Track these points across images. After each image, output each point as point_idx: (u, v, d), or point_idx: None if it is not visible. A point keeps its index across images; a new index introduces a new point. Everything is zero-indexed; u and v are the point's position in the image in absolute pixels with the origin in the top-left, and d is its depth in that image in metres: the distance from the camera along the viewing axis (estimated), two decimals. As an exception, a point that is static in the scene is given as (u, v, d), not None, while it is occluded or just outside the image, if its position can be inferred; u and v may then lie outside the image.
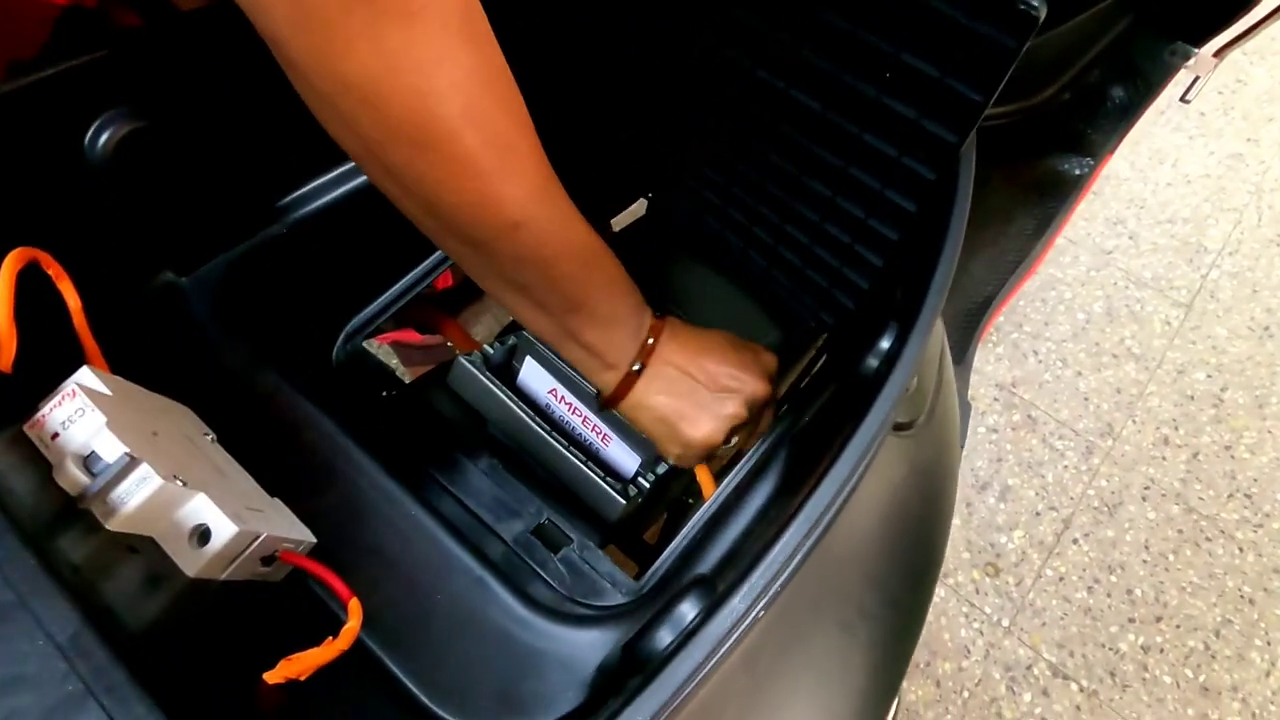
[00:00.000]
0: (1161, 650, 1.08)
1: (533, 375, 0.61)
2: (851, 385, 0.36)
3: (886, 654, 0.31)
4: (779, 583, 0.23)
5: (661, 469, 0.58)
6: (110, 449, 0.24)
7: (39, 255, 0.32)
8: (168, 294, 0.40)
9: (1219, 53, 0.89)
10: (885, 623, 0.31)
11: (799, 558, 0.23)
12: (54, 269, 0.33)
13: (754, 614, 0.23)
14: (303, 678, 0.24)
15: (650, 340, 0.43)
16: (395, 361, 1.16)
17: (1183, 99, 0.93)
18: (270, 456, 0.37)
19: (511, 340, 0.62)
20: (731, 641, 0.22)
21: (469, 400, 0.58)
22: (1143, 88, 0.98)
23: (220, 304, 0.42)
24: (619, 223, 0.87)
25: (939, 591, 1.12)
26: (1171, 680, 1.06)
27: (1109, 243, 1.45)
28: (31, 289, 0.32)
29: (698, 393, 0.45)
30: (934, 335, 0.45)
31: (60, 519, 0.23)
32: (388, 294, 0.57)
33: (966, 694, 1.05)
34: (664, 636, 0.25)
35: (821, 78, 0.40)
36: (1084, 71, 0.98)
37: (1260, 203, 1.50)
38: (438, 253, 0.59)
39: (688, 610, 0.25)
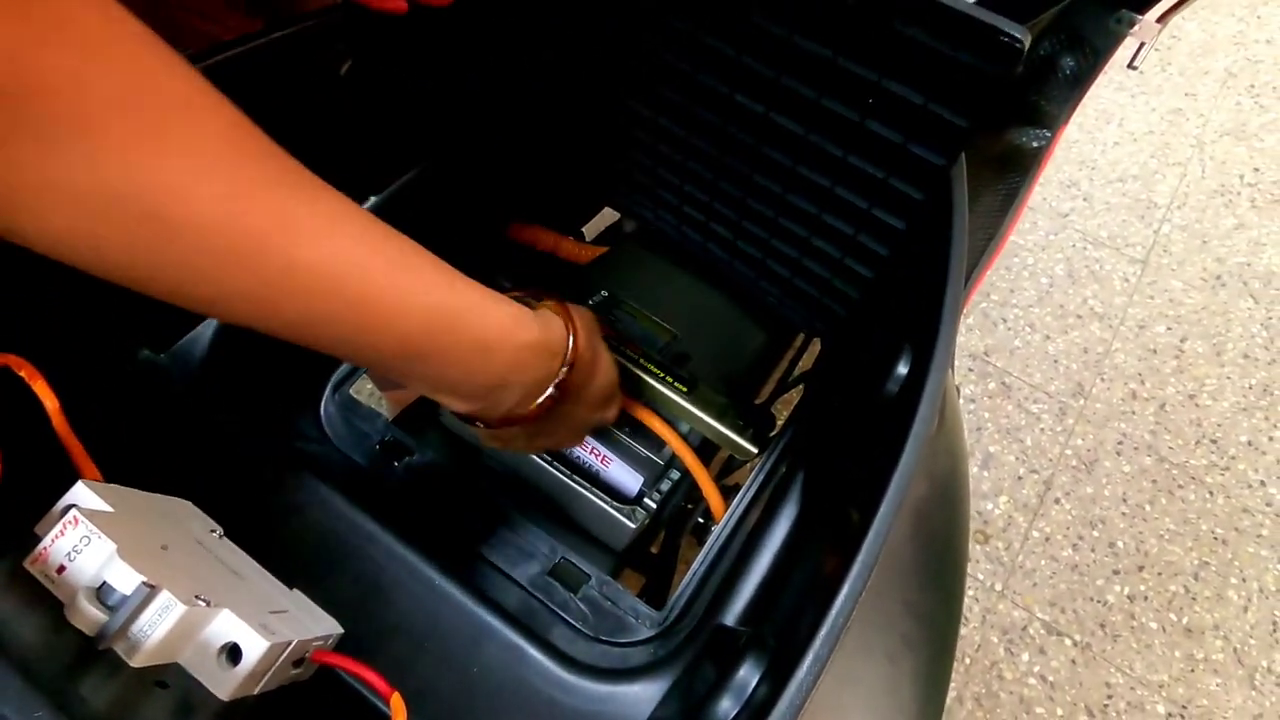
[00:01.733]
0: (1146, 598, 1.13)
1: (526, 404, 0.59)
2: (870, 409, 0.35)
3: (931, 678, 0.31)
4: (839, 635, 0.23)
5: (665, 486, 0.57)
6: (125, 580, 0.22)
7: (10, 359, 0.29)
8: (148, 372, 0.38)
9: (1162, 18, 0.91)
10: (927, 647, 0.31)
11: (851, 608, 0.23)
12: (26, 370, 0.31)
13: (818, 679, 0.23)
14: (360, 796, 0.23)
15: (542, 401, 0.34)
16: (378, 396, 1.13)
17: (1130, 65, 0.95)
18: (279, 540, 0.35)
19: (500, 370, 0.61)
20: (805, 697, 0.22)
21: (462, 435, 0.57)
22: (1091, 56, 0.99)
23: (202, 376, 0.40)
24: (590, 230, 0.85)
25: (933, 564, 1.15)
26: (1158, 625, 1.11)
27: (1065, 205, 1.48)
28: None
29: (571, 421, 0.40)
30: (950, 359, 0.46)
31: (79, 662, 0.21)
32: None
33: (968, 660, 1.08)
34: (729, 707, 0.24)
35: (802, 103, 0.39)
36: (1034, 45, 0.99)
37: (1202, 154, 1.55)
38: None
39: (749, 676, 0.25)
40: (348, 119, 0.45)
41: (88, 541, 0.23)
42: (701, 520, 0.67)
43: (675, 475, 0.59)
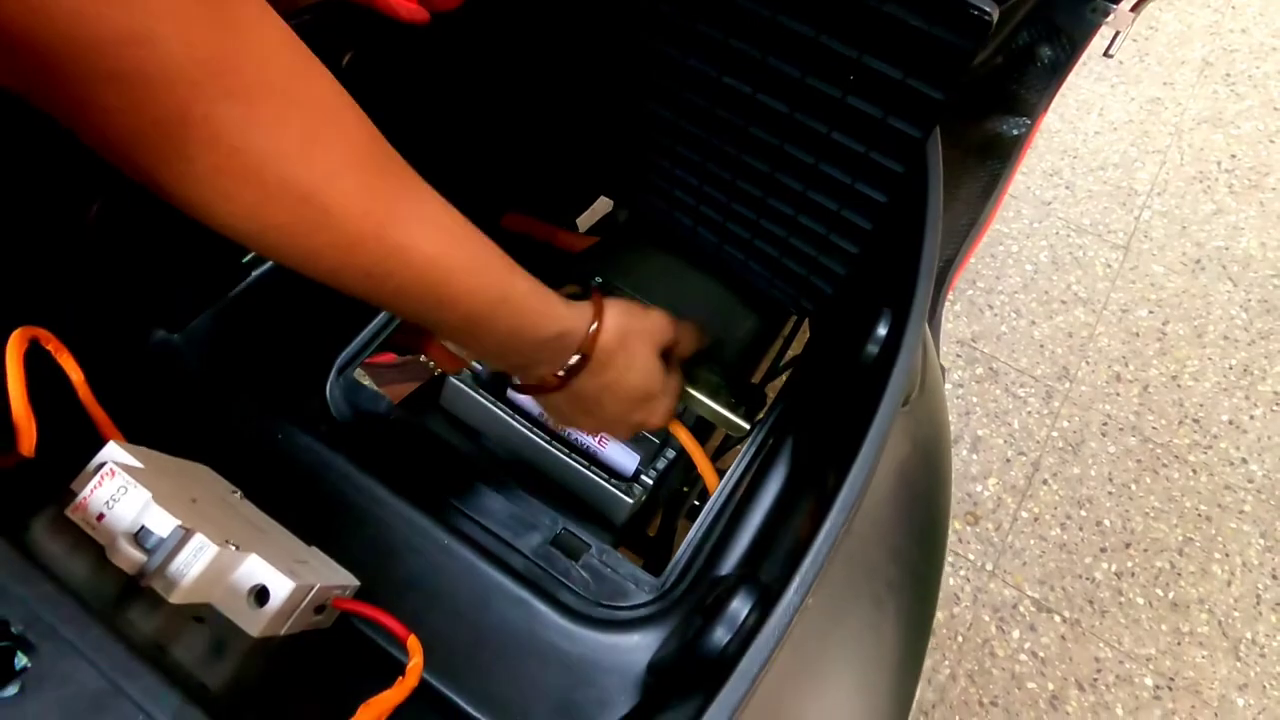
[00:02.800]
0: (1133, 574, 1.15)
1: (525, 387, 0.61)
2: (851, 370, 0.37)
3: (913, 622, 0.33)
4: (822, 568, 0.25)
5: (661, 464, 0.59)
6: (162, 523, 0.24)
7: (39, 333, 0.31)
8: (162, 353, 0.40)
9: (1135, 7, 0.94)
10: (909, 592, 0.33)
11: (838, 543, 0.25)
12: (53, 344, 0.32)
13: (805, 604, 0.24)
14: (385, 717, 0.25)
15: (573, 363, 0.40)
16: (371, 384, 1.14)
17: (1106, 54, 0.98)
18: (295, 505, 0.37)
19: (499, 355, 0.62)
20: (790, 626, 0.24)
21: (464, 418, 0.58)
22: (1068, 46, 1.02)
23: (215, 355, 0.42)
24: (584, 222, 0.87)
25: (925, 545, 1.17)
26: (1144, 601, 1.14)
27: (1048, 194, 1.51)
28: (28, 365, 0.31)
29: (603, 410, 0.45)
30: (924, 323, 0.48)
31: (124, 598, 0.23)
32: (374, 322, 0.57)
33: (961, 639, 1.11)
34: (722, 635, 0.26)
35: (787, 82, 0.42)
36: (1013, 35, 1.02)
37: (1181, 142, 1.58)
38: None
39: (740, 607, 0.27)
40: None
41: (124, 491, 0.25)
42: (697, 503, 0.69)
43: (671, 454, 0.60)
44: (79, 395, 0.33)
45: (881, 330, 0.34)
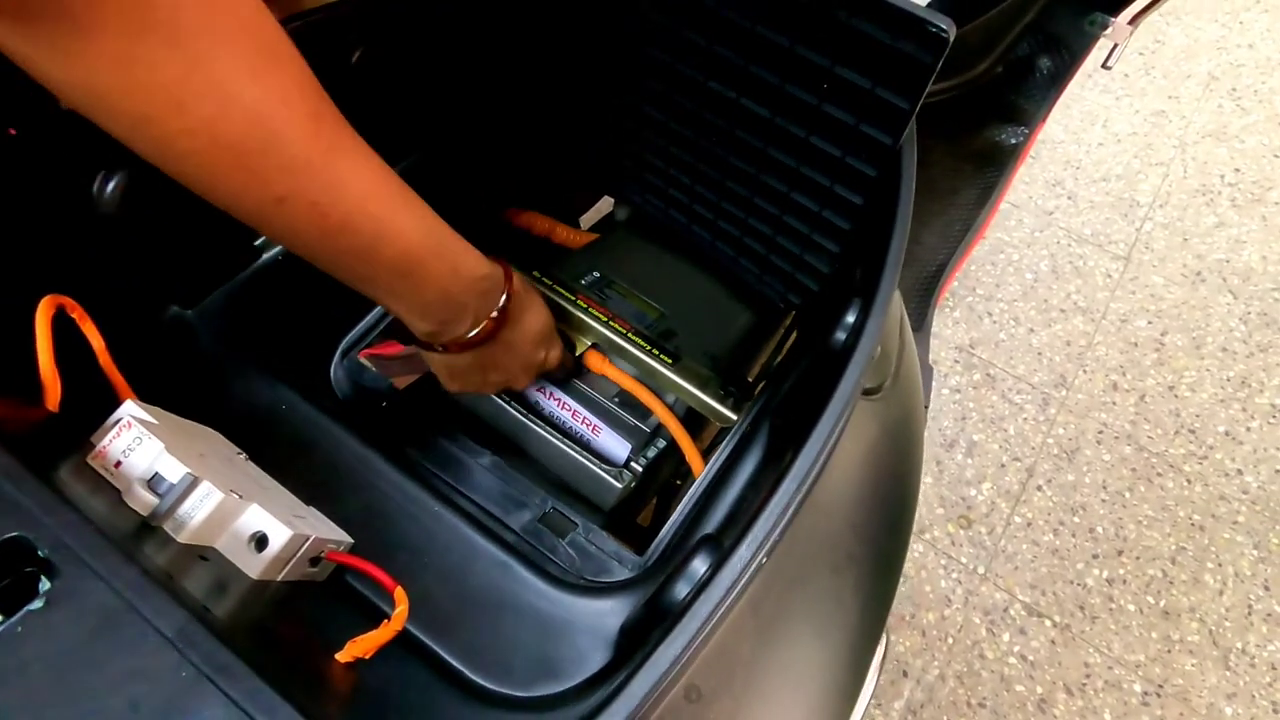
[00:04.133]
0: (1124, 581, 1.16)
1: (521, 375, 0.64)
2: (823, 357, 0.39)
3: (873, 592, 0.35)
4: (777, 532, 0.27)
5: (652, 453, 0.61)
6: (173, 470, 0.26)
7: (64, 300, 0.34)
8: (176, 327, 0.43)
9: (1134, 20, 0.96)
10: (869, 563, 0.35)
11: (792, 509, 0.27)
12: (77, 312, 0.35)
13: (757, 561, 0.27)
14: (368, 656, 0.27)
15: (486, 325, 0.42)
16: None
17: (1104, 65, 0.99)
18: (295, 471, 0.39)
19: (498, 343, 0.65)
20: (740, 587, 0.26)
21: (460, 403, 0.61)
22: (1067, 57, 1.04)
23: (225, 333, 0.44)
24: (587, 220, 0.90)
25: (918, 547, 1.19)
26: (1135, 608, 1.14)
27: (1049, 203, 1.52)
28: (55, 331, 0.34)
29: (514, 357, 0.47)
30: (893, 307, 0.50)
31: (137, 535, 0.25)
32: (377, 308, 0.59)
33: (951, 640, 1.12)
34: (681, 589, 0.28)
35: (767, 88, 0.44)
36: (1013, 45, 1.03)
37: (1185, 155, 1.59)
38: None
39: (699, 565, 0.29)
40: (355, 105, 0.49)
41: (140, 441, 0.27)
42: (679, 483, 0.71)
43: (662, 444, 0.63)
44: (99, 360, 0.35)
45: (850, 318, 0.37)
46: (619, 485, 0.56)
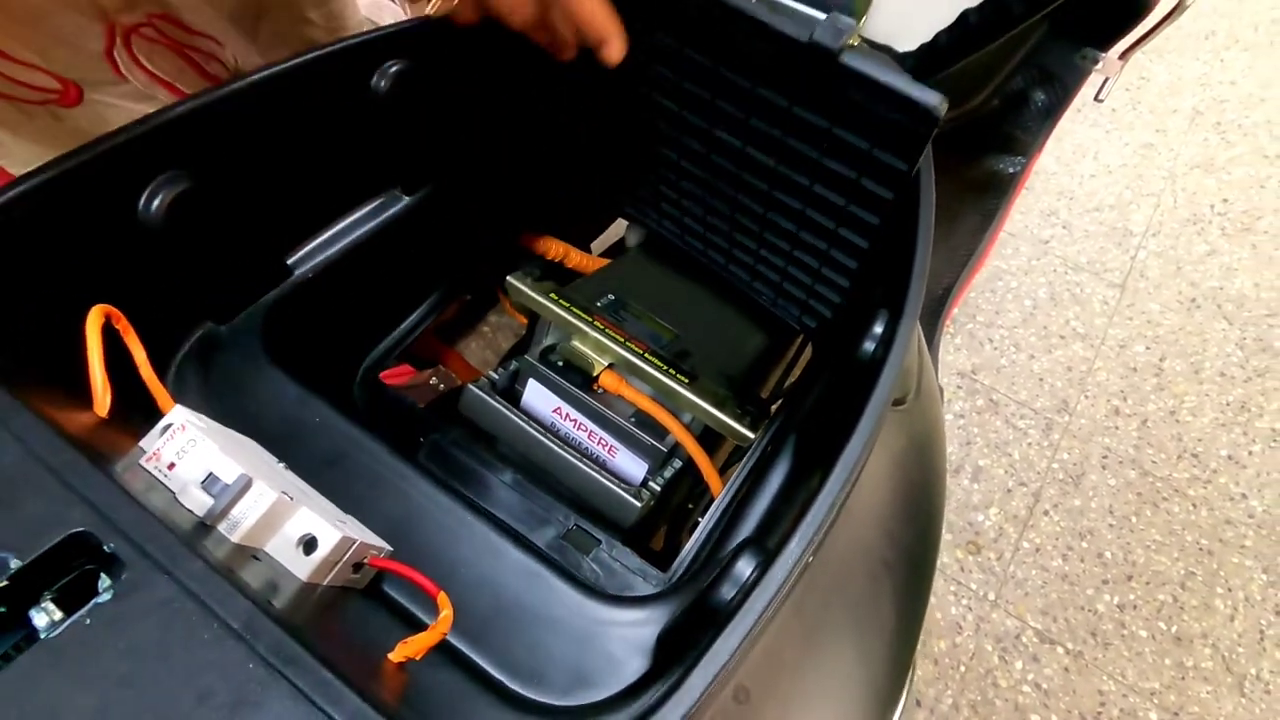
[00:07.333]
0: (1135, 607, 1.16)
1: (537, 396, 0.65)
2: (849, 370, 0.40)
3: (907, 599, 0.35)
4: (822, 532, 0.27)
5: (669, 472, 0.61)
6: (228, 471, 0.27)
7: (111, 311, 0.34)
8: (209, 342, 0.43)
9: (1124, 55, 0.99)
10: (903, 571, 0.35)
11: (838, 508, 0.28)
12: (121, 323, 0.35)
13: (805, 559, 0.27)
14: (418, 657, 0.27)
15: None
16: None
17: (1096, 98, 1.03)
18: (327, 481, 0.39)
19: (514, 365, 0.66)
20: (790, 583, 0.26)
21: (481, 424, 0.61)
22: (1060, 90, 1.07)
23: (256, 348, 0.45)
24: (598, 246, 0.91)
25: (927, 573, 1.18)
26: (1147, 634, 1.13)
27: (1045, 233, 1.55)
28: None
29: None
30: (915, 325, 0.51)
31: (194, 534, 0.25)
32: (398, 330, 0.60)
33: (963, 668, 1.11)
34: (727, 591, 0.28)
35: (770, 140, 0.46)
36: (1008, 79, 1.07)
37: (1174, 186, 1.63)
38: (439, 290, 0.63)
39: (744, 567, 0.29)
40: (382, 134, 0.50)
41: (194, 444, 0.28)
42: (701, 520, 0.72)
43: (678, 464, 0.63)
44: (140, 371, 0.36)
45: (878, 328, 0.37)
46: (638, 504, 0.56)
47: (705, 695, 0.23)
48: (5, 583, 0.21)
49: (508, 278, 0.62)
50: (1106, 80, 1.03)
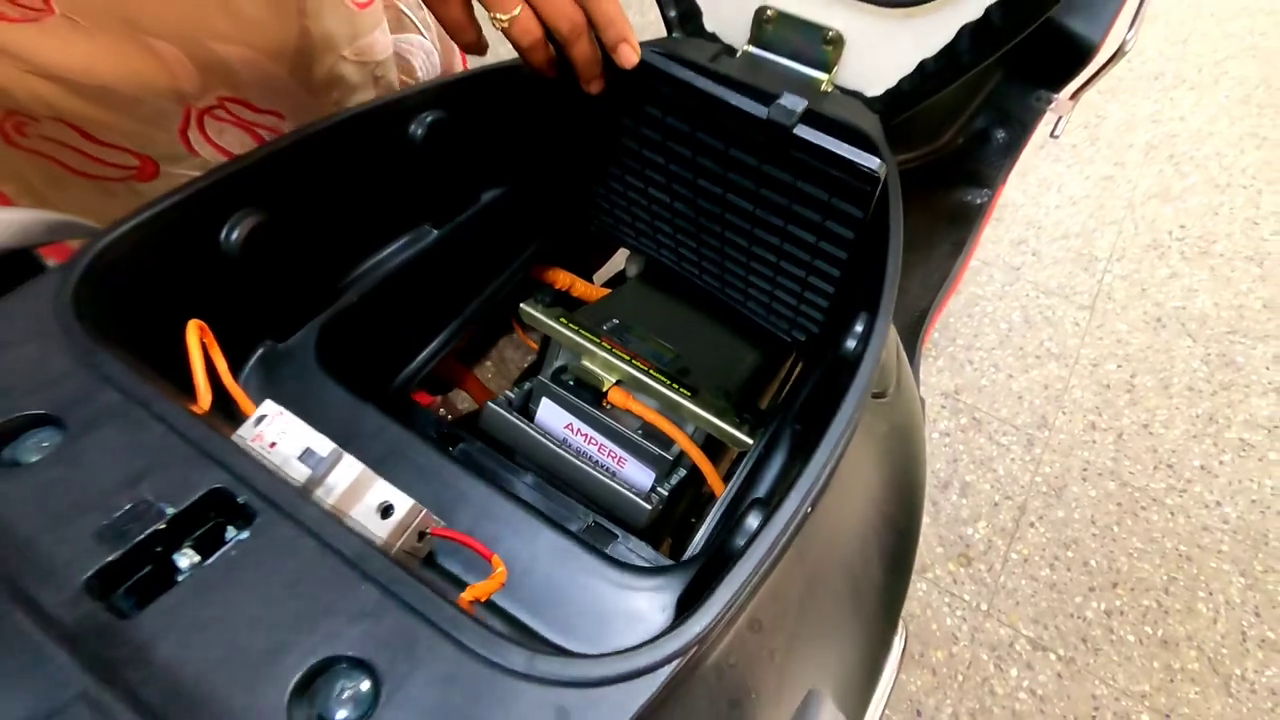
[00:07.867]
0: (1122, 613, 1.20)
1: (550, 414, 0.70)
2: (835, 367, 0.46)
3: (894, 561, 0.40)
4: (818, 487, 0.33)
5: (675, 480, 0.67)
6: (322, 446, 0.32)
7: (202, 326, 0.40)
8: (270, 357, 0.49)
9: (1074, 95, 1.09)
10: (890, 533, 0.40)
11: (830, 467, 0.33)
12: (208, 336, 0.41)
13: (805, 508, 0.32)
14: (483, 600, 0.32)
15: None
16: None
17: (1052, 135, 1.12)
18: (382, 475, 0.45)
19: (528, 385, 0.72)
20: (792, 530, 0.32)
21: (499, 438, 0.66)
22: (1019, 128, 1.17)
23: (311, 362, 0.50)
24: (600, 277, 0.98)
25: (921, 586, 1.22)
26: (1135, 639, 1.18)
27: (1016, 260, 1.65)
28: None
29: None
30: (890, 330, 0.57)
31: (300, 493, 0.31)
32: (425, 351, 0.66)
33: (960, 678, 1.14)
34: (737, 540, 0.33)
35: (744, 189, 0.53)
36: (971, 119, 1.17)
37: (1134, 215, 1.74)
38: (463, 314, 0.69)
39: (753, 521, 0.34)
40: (423, 171, 0.57)
41: (290, 425, 0.33)
42: (694, 521, 0.77)
43: (683, 472, 0.68)
44: (222, 379, 0.41)
45: (859, 327, 0.44)
46: (649, 507, 0.62)
47: (728, 608, 0.28)
48: (164, 525, 0.26)
49: (521, 305, 0.68)
50: (1060, 118, 1.13)
